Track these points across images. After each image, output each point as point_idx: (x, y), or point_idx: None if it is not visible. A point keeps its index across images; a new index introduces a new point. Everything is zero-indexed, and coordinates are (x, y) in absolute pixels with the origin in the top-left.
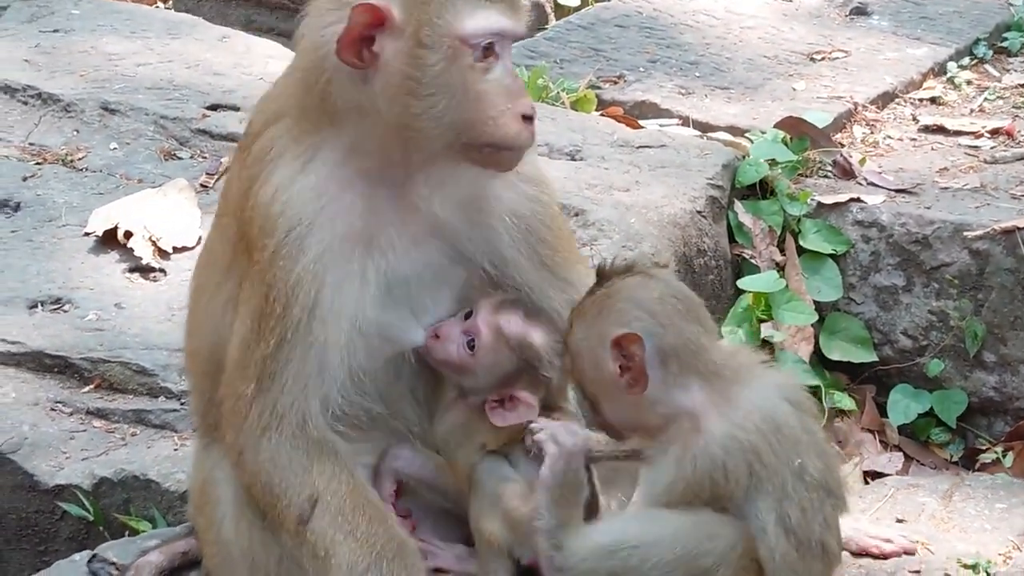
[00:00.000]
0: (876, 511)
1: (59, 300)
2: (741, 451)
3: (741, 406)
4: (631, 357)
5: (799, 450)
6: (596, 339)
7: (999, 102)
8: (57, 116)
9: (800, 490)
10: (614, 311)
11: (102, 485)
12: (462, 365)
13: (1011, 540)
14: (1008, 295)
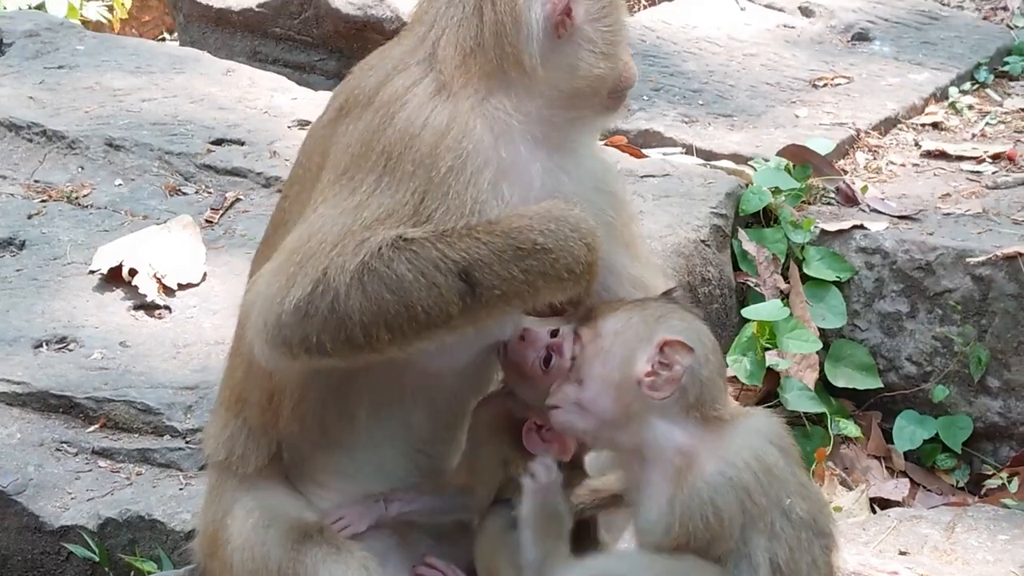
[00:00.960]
0: (879, 543)
1: (64, 339)
2: (732, 489)
3: (731, 447)
4: (671, 364)
5: (787, 491)
6: (643, 334)
7: (1001, 126)
8: (62, 153)
9: (788, 529)
10: (674, 321)
11: (107, 526)
12: (531, 376)
13: (1013, 571)
14: (1011, 320)
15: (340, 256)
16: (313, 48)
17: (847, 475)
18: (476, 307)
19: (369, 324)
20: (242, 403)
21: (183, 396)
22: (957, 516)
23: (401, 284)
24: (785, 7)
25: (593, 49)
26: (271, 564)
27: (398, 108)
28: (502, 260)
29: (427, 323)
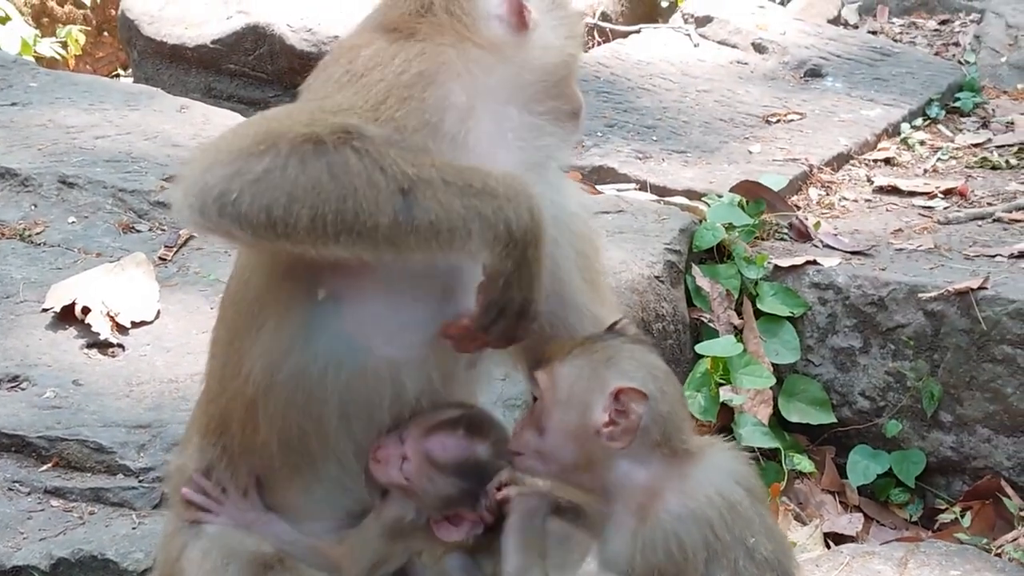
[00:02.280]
0: None
1: (16, 378)
2: (696, 523)
3: (696, 483)
4: (627, 413)
5: (752, 530)
6: (596, 383)
7: (952, 162)
8: (15, 191)
9: (751, 569)
10: (624, 364)
11: (60, 566)
12: (404, 490)
13: None
14: (963, 355)
15: (293, 123)
16: (268, 84)
17: (801, 510)
18: (405, 227)
19: (295, 200)
20: (222, 428)
21: (136, 435)
22: (910, 552)
23: (344, 172)
24: (739, 43)
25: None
26: None
27: (363, 45)
28: (448, 188)
29: (353, 224)
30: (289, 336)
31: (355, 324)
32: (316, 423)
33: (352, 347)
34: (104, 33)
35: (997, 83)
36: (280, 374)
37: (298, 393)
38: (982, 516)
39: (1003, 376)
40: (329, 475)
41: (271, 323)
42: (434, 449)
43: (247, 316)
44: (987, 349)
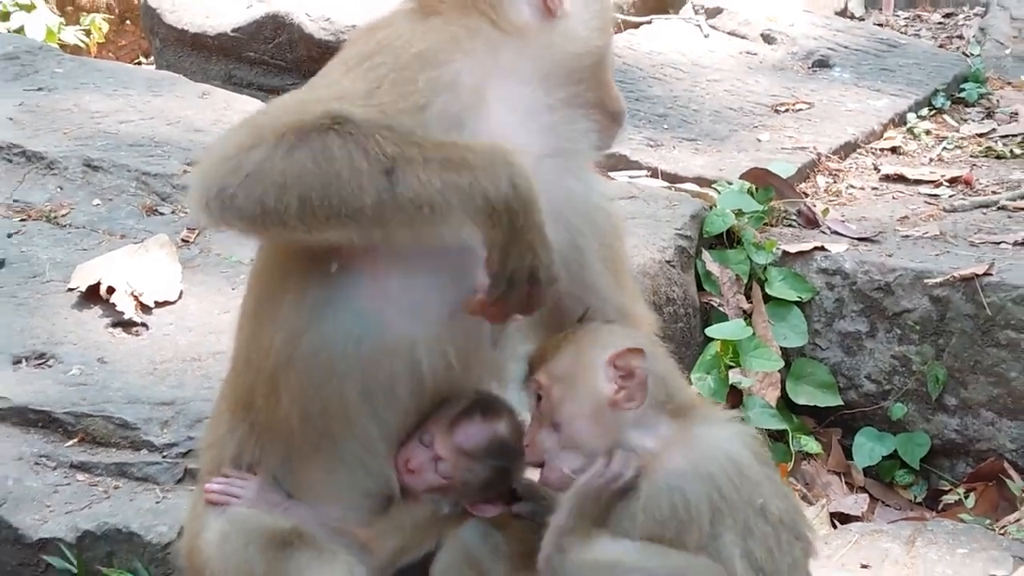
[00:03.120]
0: (841, 557)
1: (43, 355)
2: (700, 480)
3: (702, 444)
4: (631, 373)
5: (761, 492)
6: (592, 362)
7: (957, 151)
8: (41, 173)
9: (764, 527)
10: (608, 338)
11: (85, 538)
12: (445, 489)
13: None
14: (968, 340)
15: (281, 117)
16: (286, 72)
17: (808, 490)
18: (390, 207)
19: (284, 188)
20: (248, 403)
21: (160, 411)
22: (917, 531)
23: (326, 157)
24: (748, 34)
25: (587, 23)
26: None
27: (381, 25)
28: (427, 165)
29: (339, 207)
30: (308, 309)
31: (371, 299)
32: (337, 399)
33: (369, 322)
34: (127, 22)
35: (1002, 74)
36: (300, 346)
37: (317, 366)
38: (985, 497)
39: (1007, 360)
40: (352, 454)
41: (290, 296)
42: (463, 441)
43: (269, 289)
44: (991, 334)
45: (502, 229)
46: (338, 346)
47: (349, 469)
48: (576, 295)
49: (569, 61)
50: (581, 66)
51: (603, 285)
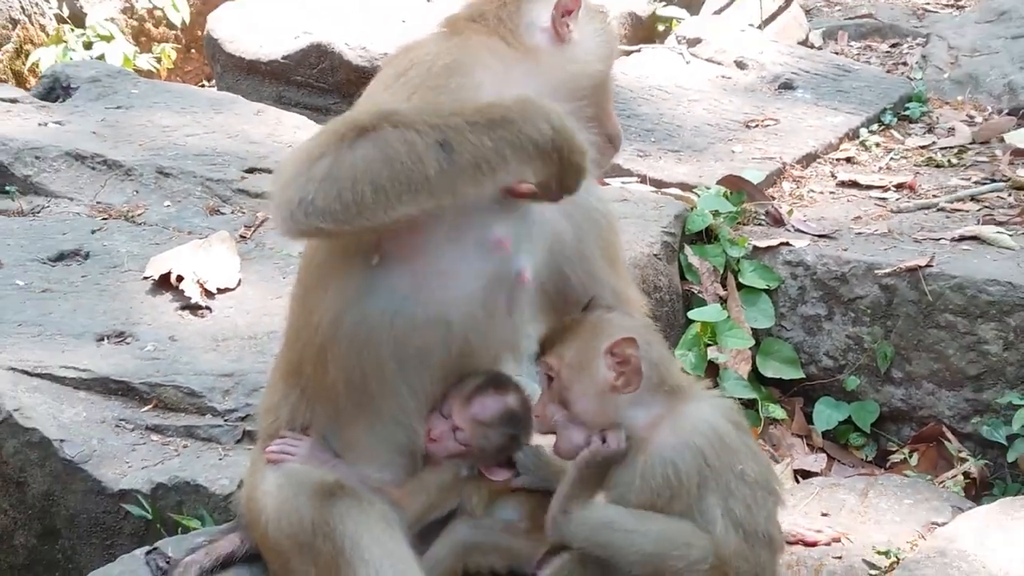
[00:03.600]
0: (804, 507)
1: (122, 334)
2: (690, 452)
3: (689, 419)
4: (627, 360)
5: (740, 458)
6: (592, 351)
7: (903, 161)
8: (120, 179)
9: (743, 489)
10: (608, 329)
11: (159, 490)
12: (464, 454)
13: (917, 530)
14: (912, 322)
15: (338, 130)
16: (328, 93)
17: (775, 451)
18: (451, 171)
19: (356, 180)
20: (298, 372)
21: (222, 382)
22: (869, 484)
23: (385, 144)
24: (723, 61)
25: (590, 51)
26: (306, 524)
27: (414, 47)
28: (475, 129)
29: (409, 183)
30: (348, 295)
31: (404, 282)
32: (376, 367)
33: (403, 301)
34: (192, 51)
35: (941, 95)
36: (343, 326)
37: (358, 341)
38: (927, 457)
39: (945, 340)
40: (389, 414)
41: (334, 284)
42: (479, 412)
43: (315, 278)
44: (932, 317)
45: (554, 164)
46: (376, 323)
47: (386, 427)
48: (580, 281)
49: (573, 81)
50: (584, 86)
51: (602, 272)
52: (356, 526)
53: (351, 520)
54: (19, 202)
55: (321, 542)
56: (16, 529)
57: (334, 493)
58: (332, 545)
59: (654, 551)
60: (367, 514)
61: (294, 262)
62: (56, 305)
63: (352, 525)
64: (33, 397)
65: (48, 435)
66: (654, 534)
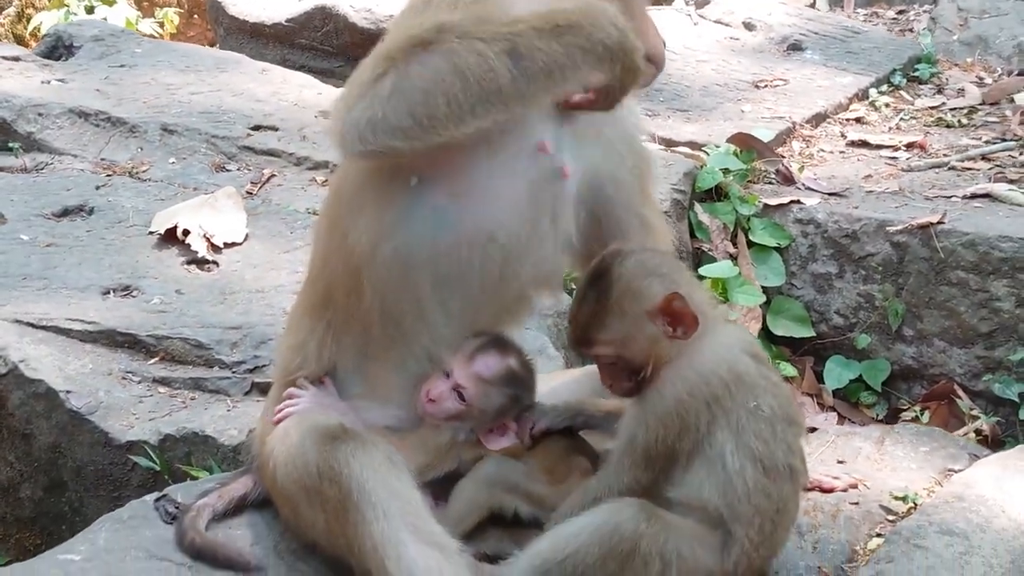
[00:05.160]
0: (820, 454)
1: (128, 287)
2: (702, 390)
3: (706, 356)
4: (678, 313)
5: (755, 393)
6: (639, 318)
7: (912, 121)
8: (124, 136)
9: (757, 424)
10: (642, 290)
11: (167, 441)
12: (462, 415)
13: (933, 477)
14: (924, 279)
15: (401, 44)
16: (333, 56)
17: None
18: (524, 79)
19: (428, 94)
20: (327, 301)
21: (229, 335)
22: (885, 432)
23: (455, 55)
24: (731, 22)
25: None
26: (311, 468)
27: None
28: (542, 35)
29: (481, 93)
30: (387, 219)
31: (446, 198)
32: (413, 292)
33: (444, 222)
34: (194, 16)
35: (950, 57)
36: (381, 250)
37: (398, 265)
38: (938, 414)
39: (957, 297)
40: (421, 345)
41: (370, 208)
42: (482, 370)
43: (349, 203)
44: (944, 274)
45: (622, 66)
46: (417, 244)
47: (418, 362)
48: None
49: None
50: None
51: (632, 198)
52: (361, 469)
53: (356, 463)
54: (22, 159)
55: (327, 486)
56: (22, 482)
57: (338, 437)
58: (338, 489)
59: (600, 551)
60: (372, 456)
61: (301, 218)
62: (61, 259)
63: (357, 468)
64: (39, 349)
65: (54, 386)
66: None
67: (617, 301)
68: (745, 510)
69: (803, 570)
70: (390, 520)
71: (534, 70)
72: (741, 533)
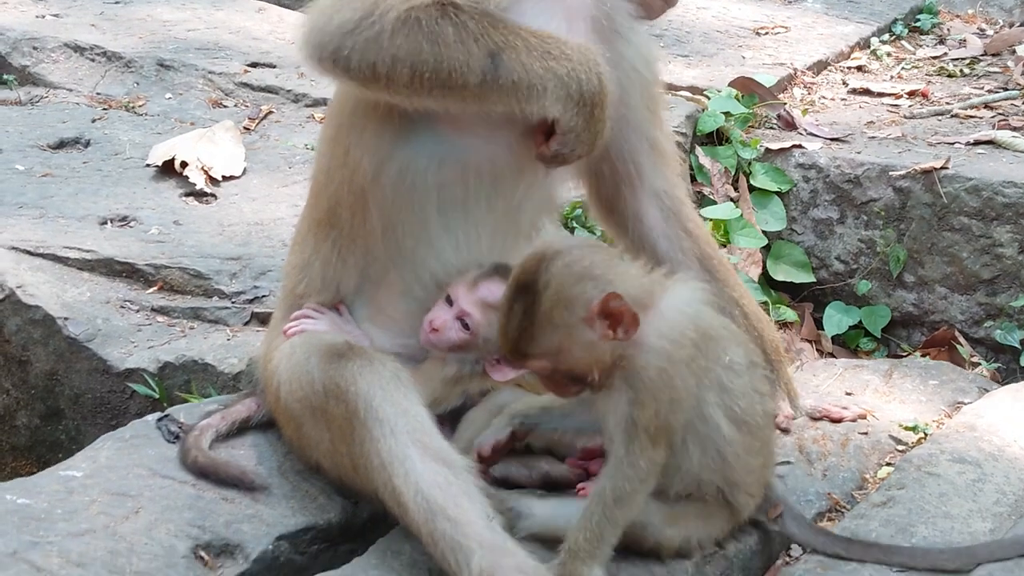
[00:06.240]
0: (828, 386)
1: (125, 218)
2: (679, 355)
3: (667, 321)
4: (616, 314)
5: (723, 346)
6: (574, 327)
7: (914, 71)
8: (120, 71)
9: (736, 380)
10: (573, 297)
11: (166, 368)
12: (466, 344)
13: (943, 409)
14: (926, 225)
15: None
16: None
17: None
18: (491, 85)
19: (398, 60)
20: (332, 218)
21: (229, 265)
22: (893, 366)
23: (440, 39)
24: None
25: None
26: (316, 386)
27: None
28: (530, 53)
29: (447, 81)
30: (390, 138)
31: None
32: (418, 214)
33: (449, 145)
34: None
35: (951, 8)
36: (385, 168)
37: (402, 185)
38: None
39: (959, 243)
40: (429, 272)
41: (372, 126)
42: (487, 295)
43: (351, 116)
44: (947, 220)
45: (583, 116)
46: (421, 166)
47: (425, 289)
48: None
49: None
50: None
51: (642, 121)
52: (368, 386)
53: (363, 380)
54: (17, 92)
55: (333, 404)
56: (18, 409)
57: (344, 354)
58: (345, 407)
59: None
60: (379, 374)
61: (300, 153)
62: (57, 189)
63: (364, 385)
64: (36, 276)
65: (52, 313)
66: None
67: (547, 313)
68: (740, 477)
69: (812, 496)
70: (397, 437)
71: (504, 80)
72: (742, 498)
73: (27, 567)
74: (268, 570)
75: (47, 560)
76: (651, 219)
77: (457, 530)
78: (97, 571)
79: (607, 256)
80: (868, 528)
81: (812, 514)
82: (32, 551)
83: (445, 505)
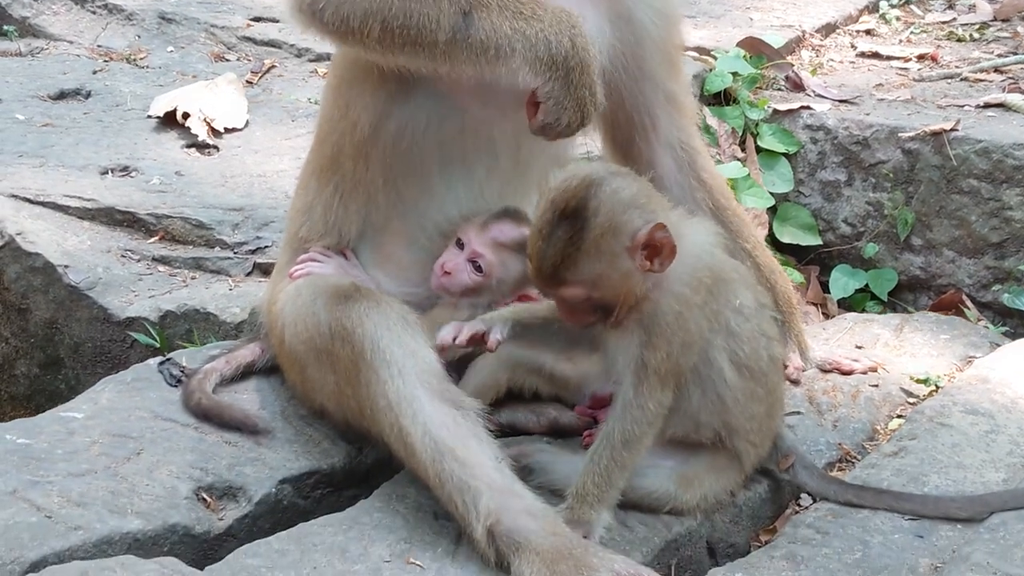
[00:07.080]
0: (838, 340)
1: (126, 168)
2: (691, 297)
3: (687, 263)
4: (659, 245)
5: (734, 289)
6: (617, 256)
7: (923, 35)
8: (121, 23)
9: (742, 324)
10: (622, 224)
11: (167, 317)
12: (479, 287)
13: (954, 363)
14: (935, 187)
15: None
16: None
17: None
18: (460, 43)
19: (369, 14)
20: (335, 166)
21: (231, 216)
22: (904, 320)
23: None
24: None
25: None
26: (322, 328)
27: None
28: (502, 12)
29: (416, 38)
30: (389, 95)
31: (448, 86)
32: (419, 170)
33: (448, 106)
34: None
35: None
36: (385, 126)
37: (402, 143)
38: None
39: (968, 205)
40: (433, 222)
41: (372, 80)
42: (498, 235)
43: (351, 72)
44: (956, 182)
45: (557, 81)
46: (420, 125)
47: (429, 239)
48: (633, 81)
49: None
50: None
51: (658, 73)
52: (375, 327)
53: (370, 321)
54: (17, 43)
55: (339, 346)
56: (18, 358)
57: (351, 296)
58: (351, 348)
59: None
60: (386, 315)
61: (303, 107)
62: (58, 139)
63: (371, 326)
64: (36, 224)
65: (52, 260)
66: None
67: (595, 240)
68: (740, 423)
69: (823, 446)
70: (405, 378)
71: (474, 39)
72: (744, 445)
73: (27, 506)
74: (271, 513)
75: (47, 499)
76: (664, 167)
77: (465, 471)
78: (98, 511)
79: (646, 186)
80: (879, 477)
81: (822, 464)
82: (32, 490)
83: (454, 446)
